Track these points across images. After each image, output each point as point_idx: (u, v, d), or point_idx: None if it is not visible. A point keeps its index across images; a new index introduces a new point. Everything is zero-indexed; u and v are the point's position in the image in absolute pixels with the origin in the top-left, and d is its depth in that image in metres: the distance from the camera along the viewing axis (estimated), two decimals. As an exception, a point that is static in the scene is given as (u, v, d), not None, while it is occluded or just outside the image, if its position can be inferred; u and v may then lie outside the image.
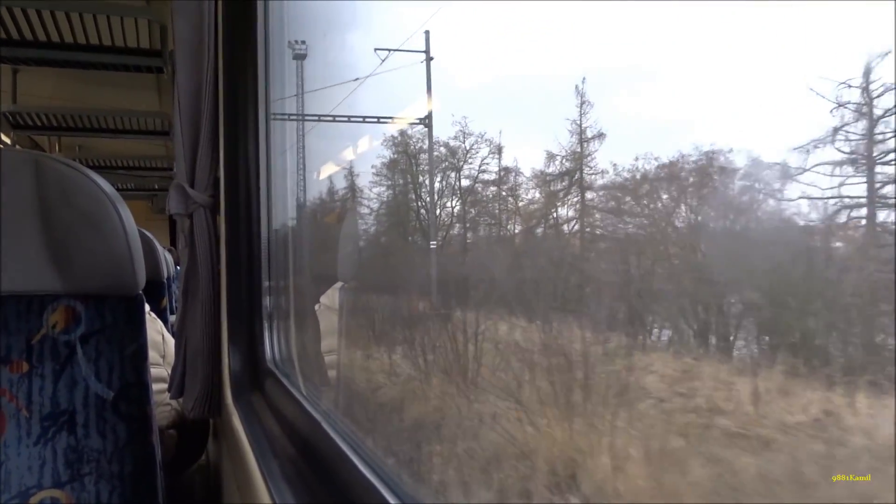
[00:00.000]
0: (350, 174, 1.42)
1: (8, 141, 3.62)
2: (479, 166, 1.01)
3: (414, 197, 1.19)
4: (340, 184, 1.50)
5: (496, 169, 0.99)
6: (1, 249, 1.02)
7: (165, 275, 2.82)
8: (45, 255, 1.04)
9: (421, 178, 1.17)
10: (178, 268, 4.35)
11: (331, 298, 1.56)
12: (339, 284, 1.57)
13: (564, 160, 0.79)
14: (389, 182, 1.26)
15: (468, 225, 1.07)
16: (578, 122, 0.74)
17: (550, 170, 0.82)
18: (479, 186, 1.04)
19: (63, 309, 1.06)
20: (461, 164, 1.06)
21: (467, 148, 1.03)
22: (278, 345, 1.16)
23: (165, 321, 2.41)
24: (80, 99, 3.63)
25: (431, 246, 1.14)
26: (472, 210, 1.08)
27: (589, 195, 0.77)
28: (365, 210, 1.42)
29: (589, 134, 0.74)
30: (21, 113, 3.41)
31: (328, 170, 1.54)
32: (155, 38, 2.57)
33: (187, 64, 1.19)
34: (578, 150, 0.76)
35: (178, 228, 1.35)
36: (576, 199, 0.79)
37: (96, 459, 1.06)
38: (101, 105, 3.63)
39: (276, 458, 0.74)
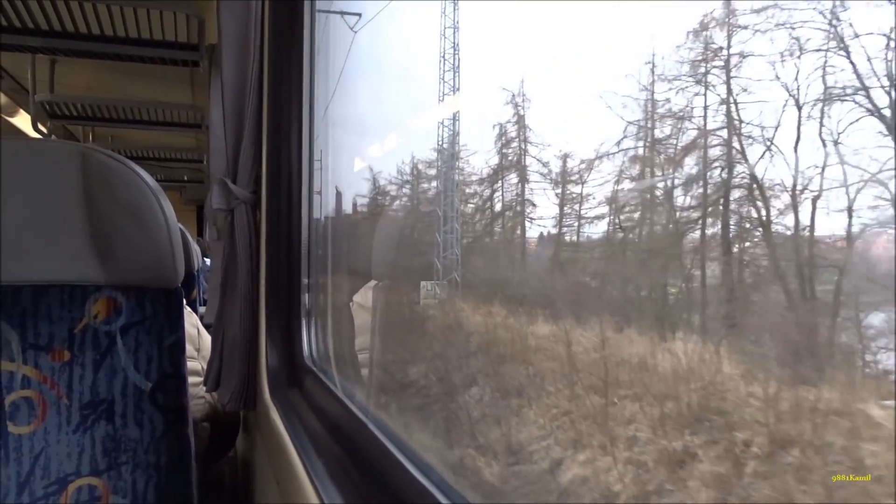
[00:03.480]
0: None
1: (45, 130, 3.68)
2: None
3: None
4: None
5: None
6: (46, 240, 1.03)
7: (196, 266, 2.86)
8: (88, 246, 1.05)
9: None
10: (205, 259, 4.38)
11: (363, 297, 1.56)
12: (371, 283, 1.57)
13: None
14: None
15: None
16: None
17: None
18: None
19: (105, 300, 1.08)
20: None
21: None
22: (315, 342, 1.16)
23: (195, 312, 2.44)
24: (115, 90, 3.68)
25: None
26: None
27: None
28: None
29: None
30: (58, 102, 3.47)
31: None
32: (192, 31, 2.59)
33: (232, 60, 1.20)
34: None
35: (206, 220, 1.35)
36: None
37: (133, 449, 1.07)
38: (135, 96, 3.68)
39: (321, 457, 0.74)
